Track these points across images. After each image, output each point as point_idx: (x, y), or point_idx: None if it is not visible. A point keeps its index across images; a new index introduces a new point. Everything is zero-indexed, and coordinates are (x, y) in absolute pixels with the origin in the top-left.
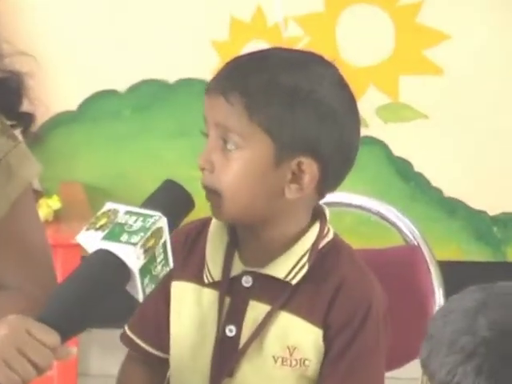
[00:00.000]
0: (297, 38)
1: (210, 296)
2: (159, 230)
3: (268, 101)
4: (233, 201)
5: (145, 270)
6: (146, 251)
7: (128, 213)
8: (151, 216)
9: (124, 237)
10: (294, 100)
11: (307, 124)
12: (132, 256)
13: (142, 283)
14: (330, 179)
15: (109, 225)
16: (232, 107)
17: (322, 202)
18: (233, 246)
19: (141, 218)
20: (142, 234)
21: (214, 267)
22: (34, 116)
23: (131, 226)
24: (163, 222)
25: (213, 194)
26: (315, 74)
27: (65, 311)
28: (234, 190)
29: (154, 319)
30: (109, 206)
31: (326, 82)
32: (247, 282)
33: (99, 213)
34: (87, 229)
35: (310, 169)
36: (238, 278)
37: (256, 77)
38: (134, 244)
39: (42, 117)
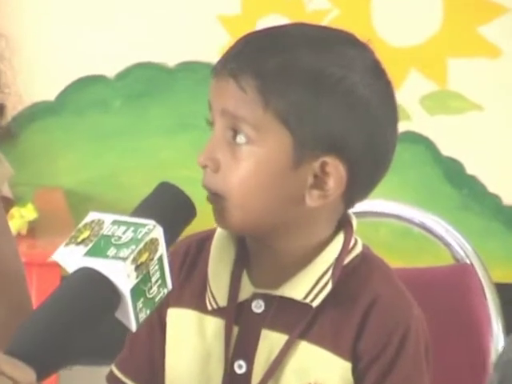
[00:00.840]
0: (323, 12)
1: (214, 325)
2: (153, 242)
3: (287, 86)
4: (241, 207)
5: (137, 292)
6: (138, 267)
7: (116, 223)
8: (144, 225)
9: (111, 251)
10: (318, 86)
11: (334, 116)
12: (121, 274)
13: (135, 308)
14: (359, 184)
15: (92, 238)
16: (244, 93)
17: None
18: (241, 264)
19: (131, 228)
20: (132, 246)
21: (218, 290)
22: (4, 107)
23: (120, 237)
24: (158, 232)
25: (216, 196)
26: (345, 56)
27: (41, 343)
28: (243, 195)
29: (146, 355)
30: (92, 216)
31: (357, 67)
32: (258, 306)
33: (81, 225)
34: (66, 244)
35: (336, 171)
36: (248, 302)
37: (273, 57)
38: (124, 259)
39: (14, 108)
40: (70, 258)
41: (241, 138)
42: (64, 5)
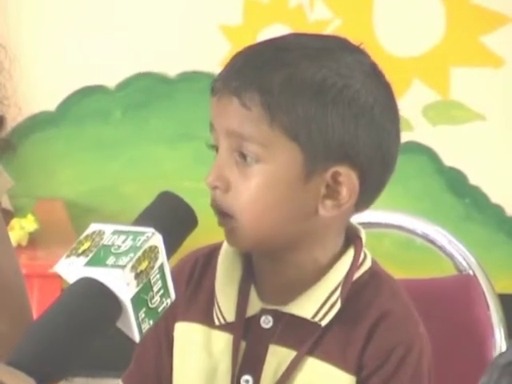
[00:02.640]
0: (325, 22)
1: (221, 340)
2: (153, 250)
3: (293, 100)
4: (254, 226)
5: (139, 301)
6: (138, 276)
7: (116, 232)
8: (142, 233)
9: (110, 260)
10: (324, 97)
11: (342, 125)
12: (120, 282)
13: (137, 318)
14: (369, 190)
15: (93, 248)
16: (248, 110)
17: (355, 222)
18: (248, 279)
19: (131, 237)
20: (131, 254)
21: (225, 305)
22: (3, 118)
23: (119, 246)
24: (157, 240)
25: (227, 216)
26: (345, 64)
27: (42, 354)
28: (256, 213)
29: (154, 369)
30: (93, 227)
31: (357, 72)
32: (267, 322)
33: (82, 236)
34: (67, 256)
35: (349, 180)
36: (256, 318)
37: (277, 71)
38: (122, 266)
39: (13, 120)
40: (71, 269)
41: (249, 158)
42: (64, 15)
